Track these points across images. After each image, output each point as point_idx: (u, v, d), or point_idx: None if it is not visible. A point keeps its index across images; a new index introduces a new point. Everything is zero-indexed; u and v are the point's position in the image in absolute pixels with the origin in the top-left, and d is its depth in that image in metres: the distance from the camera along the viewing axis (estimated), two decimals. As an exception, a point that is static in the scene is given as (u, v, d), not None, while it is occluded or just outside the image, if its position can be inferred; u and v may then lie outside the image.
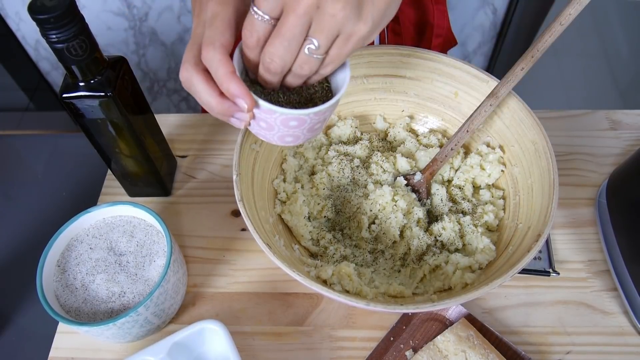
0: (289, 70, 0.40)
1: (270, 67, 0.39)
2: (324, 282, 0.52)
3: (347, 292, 0.52)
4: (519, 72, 0.53)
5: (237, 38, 0.41)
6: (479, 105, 0.56)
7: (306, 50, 0.37)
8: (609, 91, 1.79)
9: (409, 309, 0.44)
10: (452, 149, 0.58)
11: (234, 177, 0.52)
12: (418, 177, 0.60)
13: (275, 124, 0.41)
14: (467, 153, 0.64)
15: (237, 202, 0.50)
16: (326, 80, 0.44)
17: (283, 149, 0.62)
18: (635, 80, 1.81)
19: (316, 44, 0.37)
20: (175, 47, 1.52)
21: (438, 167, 0.59)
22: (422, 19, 0.75)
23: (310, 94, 0.44)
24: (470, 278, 0.52)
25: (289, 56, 0.38)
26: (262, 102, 0.39)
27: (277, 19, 0.37)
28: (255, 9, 0.37)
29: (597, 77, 1.83)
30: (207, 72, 0.40)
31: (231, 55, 0.40)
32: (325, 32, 0.36)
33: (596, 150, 0.71)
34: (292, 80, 0.41)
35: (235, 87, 0.38)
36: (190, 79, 0.40)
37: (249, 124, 0.42)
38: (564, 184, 0.67)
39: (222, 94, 0.40)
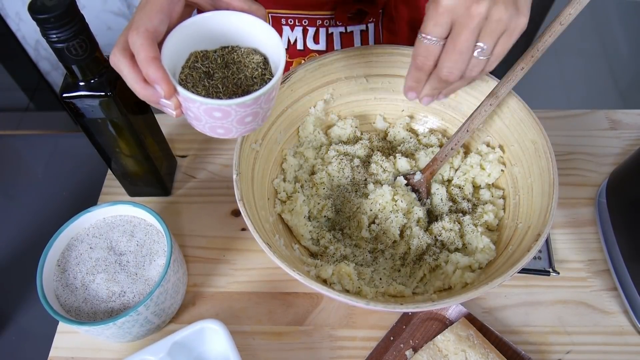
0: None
1: (449, 78, 0.44)
2: (324, 282, 0.52)
3: (347, 291, 0.52)
4: (519, 72, 0.53)
5: (170, 25, 0.41)
6: (479, 105, 0.56)
7: (476, 54, 0.43)
8: (609, 91, 1.80)
9: (409, 309, 0.44)
10: (452, 149, 0.58)
11: (234, 176, 0.52)
12: (418, 176, 0.60)
13: (200, 113, 0.40)
14: (467, 153, 0.64)
15: (237, 201, 0.50)
16: (269, 73, 0.44)
17: (283, 149, 0.62)
18: (635, 80, 1.81)
19: (485, 47, 0.42)
20: (175, 47, 1.52)
21: (438, 167, 0.59)
22: (416, 17, 0.76)
23: (248, 85, 0.43)
24: (470, 277, 0.52)
25: (465, 65, 0.43)
26: (181, 90, 0.39)
27: (445, 38, 0.42)
28: (424, 35, 0.42)
29: (597, 77, 1.84)
30: (134, 57, 0.40)
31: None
32: (493, 35, 0.41)
33: (596, 150, 0.71)
34: (460, 84, 0.47)
35: (153, 71, 0.38)
36: (117, 63, 0.41)
37: (181, 113, 0.42)
38: (564, 183, 0.67)
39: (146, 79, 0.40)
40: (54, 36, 0.46)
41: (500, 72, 0.60)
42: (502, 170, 0.60)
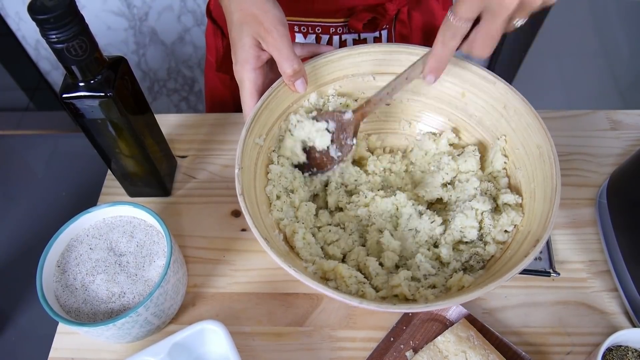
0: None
1: (480, 57, 0.48)
2: (322, 278, 0.52)
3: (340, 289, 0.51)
4: None
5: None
6: (425, 53, 0.54)
7: (512, 27, 0.45)
8: (610, 91, 1.80)
9: (403, 309, 0.44)
10: (387, 93, 0.56)
11: (236, 170, 0.51)
12: (348, 115, 0.58)
13: None
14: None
15: (238, 195, 0.50)
16: None
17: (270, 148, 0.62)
18: (635, 81, 1.81)
19: (518, 23, 0.45)
20: (176, 46, 1.52)
21: (370, 110, 0.58)
22: (430, 23, 0.75)
23: None
24: (467, 281, 0.51)
25: (495, 44, 0.46)
26: None
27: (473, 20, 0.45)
28: (454, 17, 0.45)
29: (597, 77, 1.83)
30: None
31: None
32: (526, 12, 0.43)
33: (597, 151, 0.71)
34: None
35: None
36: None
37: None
38: (564, 184, 0.67)
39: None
40: (54, 37, 0.45)
41: (500, 72, 0.59)
42: (505, 162, 0.59)
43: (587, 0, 2.02)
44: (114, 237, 0.55)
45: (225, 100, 0.87)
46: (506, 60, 1.49)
